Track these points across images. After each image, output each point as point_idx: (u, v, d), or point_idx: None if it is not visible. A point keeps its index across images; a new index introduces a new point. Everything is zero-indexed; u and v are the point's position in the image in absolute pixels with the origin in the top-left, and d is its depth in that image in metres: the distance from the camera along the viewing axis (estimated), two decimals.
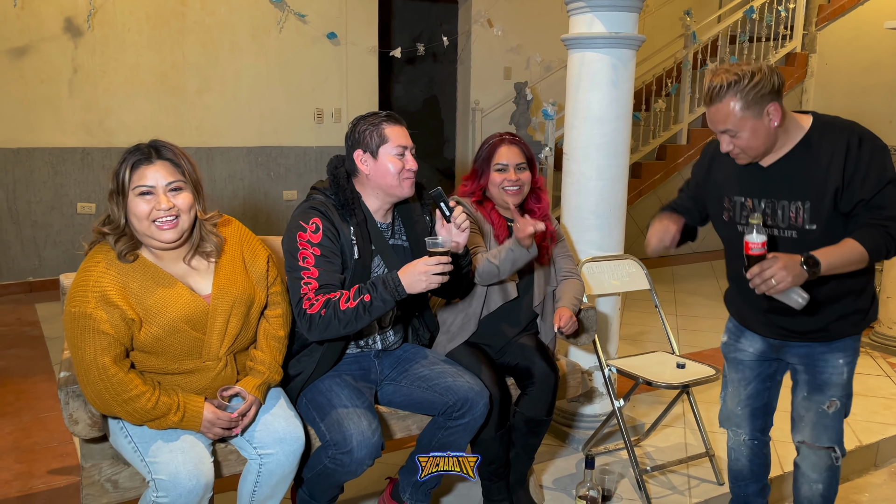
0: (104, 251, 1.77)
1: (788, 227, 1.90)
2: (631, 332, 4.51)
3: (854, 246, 1.77)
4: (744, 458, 2.22)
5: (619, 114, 2.83)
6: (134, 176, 1.73)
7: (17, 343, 4.18)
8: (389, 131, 2.05)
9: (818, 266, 1.73)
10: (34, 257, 5.32)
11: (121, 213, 1.75)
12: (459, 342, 2.35)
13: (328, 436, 1.94)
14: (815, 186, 1.84)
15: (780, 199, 1.90)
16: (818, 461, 2.07)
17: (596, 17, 2.75)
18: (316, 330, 1.93)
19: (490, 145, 2.43)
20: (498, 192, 2.40)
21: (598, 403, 3.04)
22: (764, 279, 1.72)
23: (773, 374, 2.15)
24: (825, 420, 2.01)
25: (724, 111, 1.80)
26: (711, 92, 1.81)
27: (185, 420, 1.79)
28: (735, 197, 1.98)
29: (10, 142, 5.12)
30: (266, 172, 6.10)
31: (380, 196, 2.10)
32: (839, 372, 1.98)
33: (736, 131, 1.81)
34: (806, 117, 1.91)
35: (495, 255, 2.24)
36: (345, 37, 6.23)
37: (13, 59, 5.05)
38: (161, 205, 1.73)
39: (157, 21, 5.48)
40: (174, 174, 1.77)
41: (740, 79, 1.77)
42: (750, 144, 1.83)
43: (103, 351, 1.70)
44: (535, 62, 7.18)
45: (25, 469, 2.71)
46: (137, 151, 1.77)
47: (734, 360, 2.18)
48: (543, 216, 2.49)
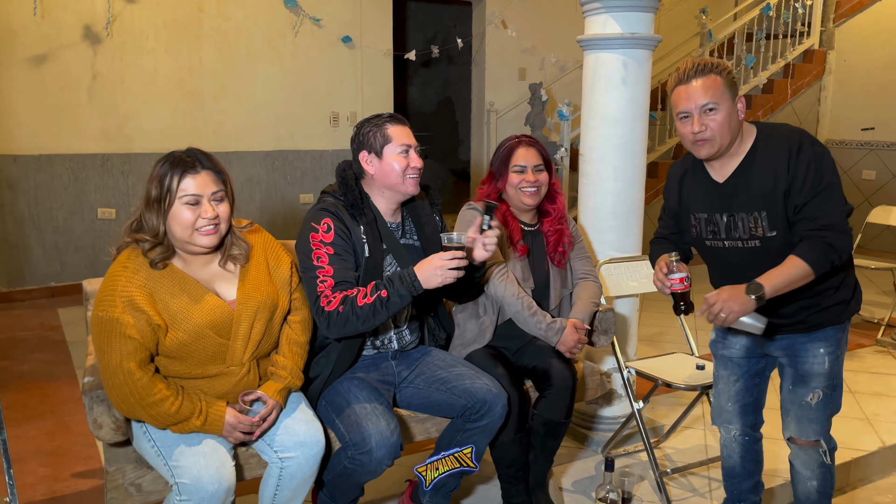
0: (132, 257, 1.79)
1: (751, 238, 1.96)
2: (649, 332, 4.49)
3: (796, 263, 1.82)
4: (735, 455, 2.25)
5: (636, 114, 2.82)
6: (182, 184, 1.75)
7: (40, 347, 4.23)
8: (392, 131, 2.08)
9: (762, 290, 1.81)
10: (56, 262, 5.39)
11: (160, 221, 1.77)
12: (475, 349, 2.36)
13: (347, 436, 1.95)
14: (766, 196, 1.90)
15: (738, 212, 1.96)
16: (808, 459, 2.10)
17: (611, 18, 2.74)
18: (335, 327, 1.95)
19: (507, 147, 2.43)
20: (515, 193, 2.40)
21: (617, 405, 3.03)
22: (713, 314, 1.84)
23: (762, 371, 2.19)
24: (809, 413, 2.04)
25: (709, 83, 1.87)
26: (696, 67, 1.89)
27: (207, 424, 1.80)
28: (699, 214, 2.05)
29: (32, 149, 5.19)
30: (283, 176, 6.14)
31: (387, 195, 2.13)
32: (820, 362, 2.01)
33: (716, 105, 1.87)
34: (752, 127, 1.99)
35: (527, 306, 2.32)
36: (359, 40, 6.26)
37: (33, 67, 5.12)
38: (206, 213, 1.77)
39: (174, 27, 5.54)
40: (218, 183, 1.80)
41: (722, 63, 1.91)
42: (721, 128, 1.88)
43: (129, 355, 1.72)
44: (550, 63, 7.17)
45: (50, 473, 2.74)
46: (182, 162, 1.77)
47: (722, 357, 2.21)
48: (559, 217, 2.49)
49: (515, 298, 2.32)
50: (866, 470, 2.93)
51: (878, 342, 4.34)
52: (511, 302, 2.32)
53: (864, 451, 2.94)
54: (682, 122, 1.92)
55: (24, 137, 5.16)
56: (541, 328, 2.32)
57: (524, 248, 2.41)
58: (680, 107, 1.92)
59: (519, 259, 2.41)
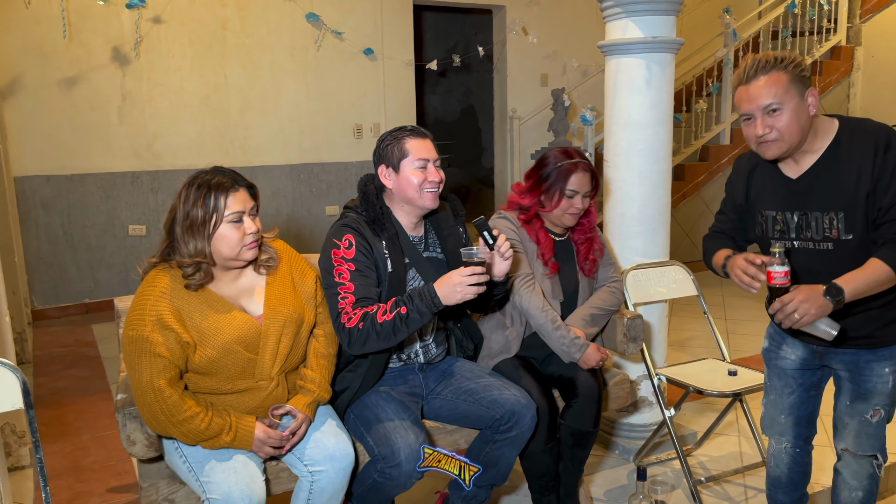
0: (161, 276, 1.82)
1: (824, 240, 1.84)
2: (680, 337, 4.44)
3: (878, 266, 1.72)
4: (783, 466, 2.17)
5: (660, 118, 2.80)
6: (227, 204, 1.79)
7: (75, 364, 4.31)
8: (411, 145, 2.08)
9: (842, 295, 1.71)
10: (89, 280, 5.49)
11: (205, 244, 1.79)
12: (502, 359, 2.35)
13: (376, 450, 1.95)
14: (847, 195, 1.79)
15: (812, 212, 1.85)
16: (860, 469, 2.01)
17: (632, 22, 2.72)
18: (356, 344, 1.96)
19: (564, 169, 2.33)
20: (560, 215, 2.37)
21: (648, 412, 2.99)
22: (786, 314, 1.72)
23: (818, 383, 2.09)
24: (868, 429, 1.95)
25: (771, 82, 1.75)
26: (757, 65, 1.76)
27: (237, 440, 1.82)
28: (767, 211, 1.94)
29: (64, 168, 5.31)
30: (308, 189, 6.19)
31: (406, 209, 2.13)
32: (884, 381, 1.91)
33: (780, 105, 1.75)
34: (832, 121, 1.85)
35: (553, 320, 2.30)
36: (381, 52, 6.30)
37: (64, 89, 5.24)
38: (250, 229, 1.82)
39: (200, 46, 5.63)
40: (252, 199, 1.86)
41: (785, 56, 1.76)
42: (789, 128, 1.76)
43: (159, 373, 1.75)
44: (572, 68, 7.15)
45: (85, 488, 2.79)
46: (220, 184, 1.79)
47: (776, 367, 2.12)
48: (590, 229, 2.47)
49: (540, 311, 2.30)
50: (888, 483, 2.85)
51: None
52: (536, 314, 2.31)
53: None
54: (746, 124, 1.82)
55: (57, 157, 5.28)
56: (564, 343, 2.29)
57: (555, 267, 2.39)
58: (742, 108, 1.80)
59: (548, 276, 2.39)
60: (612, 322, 2.50)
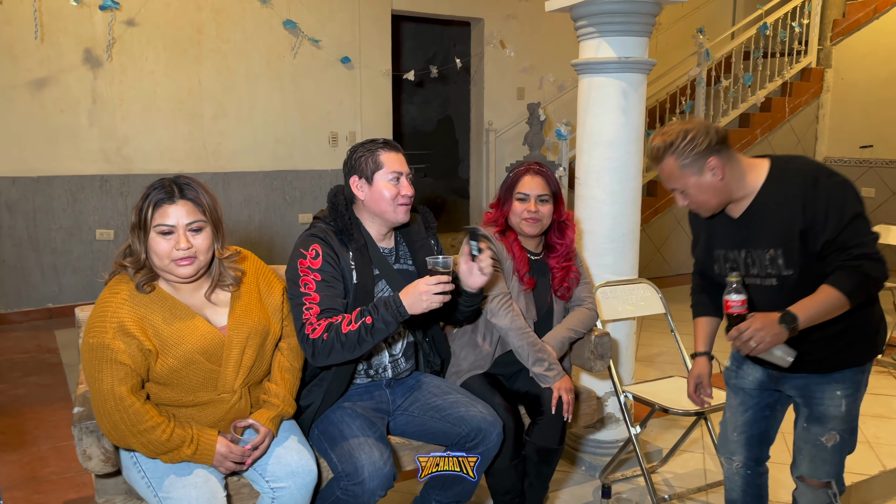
0: (123, 282, 1.79)
1: (767, 276, 1.91)
2: (649, 353, 4.47)
3: (831, 293, 1.77)
4: (738, 489, 2.18)
5: (631, 137, 2.82)
6: (156, 214, 1.74)
7: (36, 370, 4.22)
8: (385, 157, 2.08)
9: (796, 321, 1.76)
10: (54, 284, 5.39)
11: (142, 248, 1.76)
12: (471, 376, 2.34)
13: (340, 467, 1.93)
14: (783, 233, 1.85)
15: (755, 249, 1.92)
16: (815, 498, 2.02)
17: (605, 42, 2.75)
18: (320, 355, 1.94)
19: (515, 174, 2.40)
20: (517, 221, 2.38)
21: (614, 429, 3.00)
22: (743, 341, 1.78)
23: (774, 404, 2.12)
24: (823, 454, 1.97)
25: (666, 171, 1.89)
26: (653, 154, 1.91)
27: (197, 453, 1.79)
28: (718, 251, 2.02)
29: (31, 170, 5.21)
30: (282, 196, 6.15)
31: (377, 221, 2.13)
32: (836, 405, 1.93)
33: (683, 187, 1.88)
34: (763, 163, 1.93)
35: (532, 344, 2.30)
36: (358, 61, 6.29)
37: (34, 90, 5.15)
38: (180, 244, 1.74)
39: (174, 50, 5.57)
40: (195, 214, 1.77)
41: (675, 139, 1.86)
42: (700, 200, 1.89)
43: (121, 381, 1.71)
44: (548, 82, 7.20)
45: (42, 499, 2.72)
46: (161, 189, 1.76)
47: (734, 385, 2.17)
48: (567, 253, 2.47)
49: (521, 333, 2.30)
50: (867, 494, 2.90)
51: (879, 363, 4.31)
52: (515, 336, 2.30)
53: (864, 474, 2.91)
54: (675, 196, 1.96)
55: (23, 159, 5.18)
56: (539, 369, 2.28)
57: (531, 282, 2.40)
58: (663, 184, 1.98)
59: (524, 292, 2.39)
60: (581, 339, 2.51)
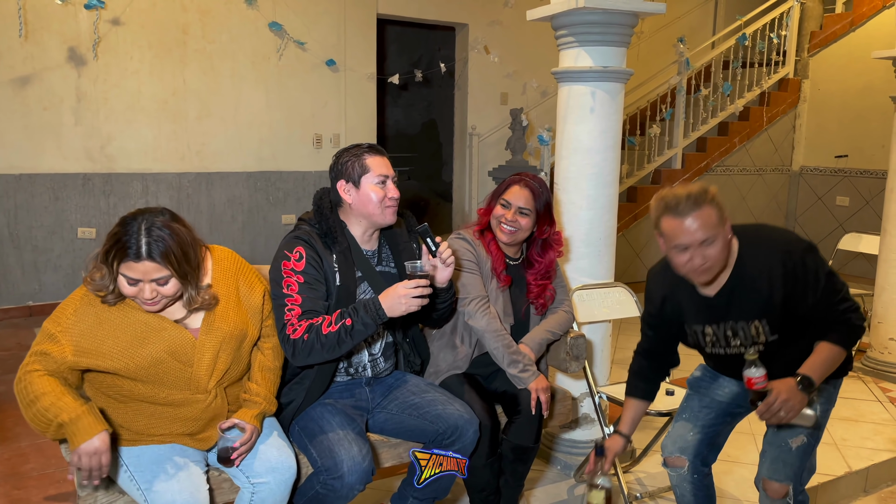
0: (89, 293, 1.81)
1: (753, 344, 1.98)
2: (625, 355, 4.54)
3: (832, 350, 1.91)
4: (689, 494, 2.23)
5: (608, 145, 2.89)
6: (122, 266, 1.71)
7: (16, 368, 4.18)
8: (371, 161, 2.12)
9: (813, 385, 1.86)
10: (34, 282, 5.37)
11: (110, 280, 1.75)
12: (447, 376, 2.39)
13: (319, 461, 1.98)
14: (765, 305, 1.93)
15: (737, 322, 1.98)
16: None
17: (584, 51, 2.82)
18: (300, 355, 1.98)
19: (509, 180, 2.44)
20: (495, 224, 2.43)
21: (589, 429, 3.07)
22: (773, 413, 1.84)
23: (736, 414, 2.22)
24: (786, 455, 2.05)
25: (704, 218, 1.81)
26: (692, 199, 1.81)
27: (71, 424, 1.70)
28: (695, 326, 2.06)
29: (12, 168, 5.19)
30: (265, 197, 6.17)
31: (363, 224, 2.17)
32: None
33: (713, 239, 1.83)
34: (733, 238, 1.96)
35: (506, 347, 2.33)
36: (343, 63, 6.33)
37: (17, 88, 5.13)
38: (143, 294, 1.74)
39: (160, 49, 5.58)
40: (161, 271, 1.72)
41: (707, 189, 1.84)
42: (718, 256, 1.86)
43: (38, 360, 1.77)
44: (531, 88, 7.28)
45: (23, 496, 2.73)
46: (126, 247, 1.69)
47: (703, 392, 2.24)
48: (545, 272, 2.50)
49: (497, 335, 2.34)
50: (833, 494, 2.98)
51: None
52: (491, 338, 2.35)
53: (830, 475, 3.00)
54: (678, 253, 1.87)
55: (5, 157, 5.16)
56: (515, 371, 2.33)
57: (507, 279, 2.44)
58: (677, 240, 1.85)
59: (501, 290, 2.44)
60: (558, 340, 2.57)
